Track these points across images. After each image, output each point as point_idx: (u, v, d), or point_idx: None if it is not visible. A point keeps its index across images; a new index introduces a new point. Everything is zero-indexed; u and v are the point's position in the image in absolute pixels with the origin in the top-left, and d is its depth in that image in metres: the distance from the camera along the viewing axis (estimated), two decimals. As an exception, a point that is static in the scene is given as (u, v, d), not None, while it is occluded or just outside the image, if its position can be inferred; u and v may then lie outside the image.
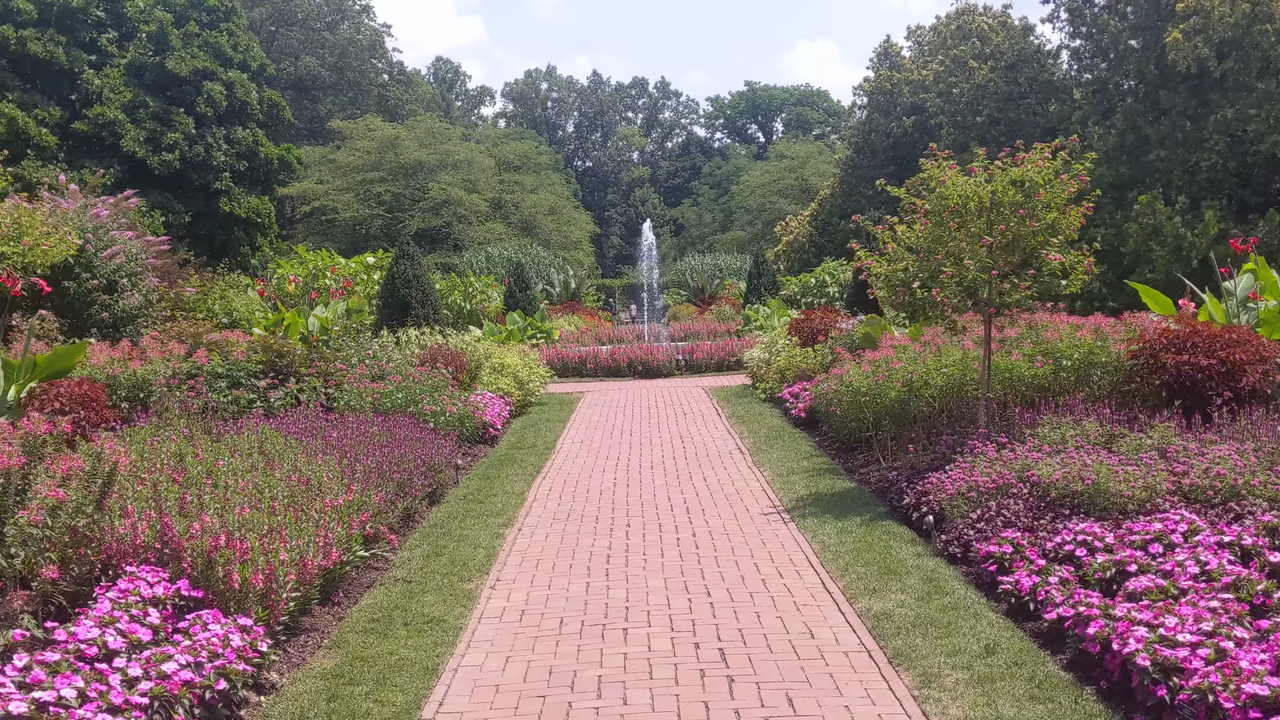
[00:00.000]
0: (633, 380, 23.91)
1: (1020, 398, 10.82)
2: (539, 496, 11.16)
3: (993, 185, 9.79)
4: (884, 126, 40.95)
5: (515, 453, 13.98)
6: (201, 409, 11.13)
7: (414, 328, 18.43)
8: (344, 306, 18.99)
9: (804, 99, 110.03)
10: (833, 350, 16.81)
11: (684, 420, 16.84)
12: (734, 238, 71.42)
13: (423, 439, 11.21)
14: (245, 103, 39.29)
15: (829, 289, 35.19)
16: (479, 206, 61.82)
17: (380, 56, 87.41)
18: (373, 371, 13.79)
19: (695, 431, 15.57)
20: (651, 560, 8.43)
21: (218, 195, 38.14)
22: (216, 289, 18.21)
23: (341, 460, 9.14)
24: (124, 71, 36.61)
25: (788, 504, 10.33)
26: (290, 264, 22.00)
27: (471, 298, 35.06)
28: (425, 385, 13.41)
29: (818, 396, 14.47)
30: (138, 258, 15.90)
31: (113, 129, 35.41)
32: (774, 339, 19.90)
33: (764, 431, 15.06)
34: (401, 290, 18.71)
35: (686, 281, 53.52)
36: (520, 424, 16.86)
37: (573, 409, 18.70)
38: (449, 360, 16.69)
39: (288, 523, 6.72)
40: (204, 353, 12.29)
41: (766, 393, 18.22)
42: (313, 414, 11.52)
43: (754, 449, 13.71)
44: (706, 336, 32.04)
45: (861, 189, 40.45)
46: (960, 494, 8.50)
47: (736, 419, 16.51)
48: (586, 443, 14.88)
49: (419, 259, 19.16)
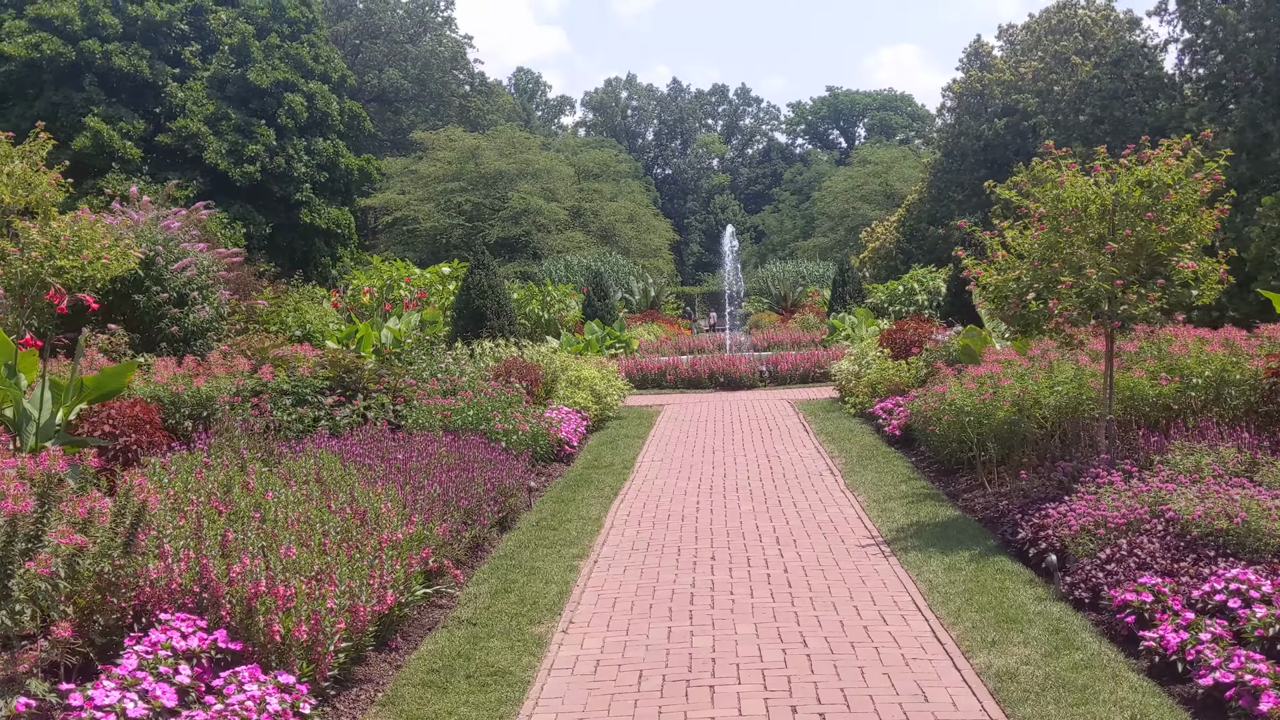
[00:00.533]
0: (714, 392, 23.13)
1: (1143, 419, 9.83)
2: (616, 522, 10.45)
3: (1116, 186, 8.84)
4: (974, 129, 39.60)
5: (592, 473, 13.31)
6: (264, 429, 10.63)
7: (489, 339, 17.88)
8: (418, 318, 18.53)
9: (887, 103, 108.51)
10: (929, 364, 15.89)
11: (769, 437, 16.03)
12: (816, 244, 70.43)
13: (493, 460, 10.58)
14: (326, 114, 39.35)
15: (917, 297, 34.04)
16: (558, 215, 61.74)
17: (461, 68, 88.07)
18: (444, 387, 13.22)
19: (782, 449, 14.75)
20: (740, 601, 7.66)
21: (298, 206, 38.22)
22: (290, 301, 17.86)
23: (405, 486, 8.52)
24: (206, 84, 36.88)
25: (887, 534, 9.49)
26: (365, 275, 21.66)
27: (549, 307, 34.59)
28: (497, 402, 12.81)
29: (914, 414, 13.57)
30: (209, 270, 15.56)
31: (195, 141, 35.65)
32: (863, 350, 18.98)
33: (855, 450, 14.19)
34: (476, 301, 18.19)
35: (768, 289, 52.61)
36: (597, 440, 16.20)
37: (652, 424, 18.00)
38: (523, 374, 16.10)
39: (339, 563, 6.09)
40: (269, 368, 11.82)
41: (856, 407, 17.33)
42: (379, 433, 10.96)
43: (846, 470, 12.86)
44: (790, 346, 31.16)
45: (951, 194, 39.20)
46: (1086, 530, 7.60)
47: (825, 436, 15.65)
48: (666, 461, 14.15)
49: (494, 268, 18.62)
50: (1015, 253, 9.34)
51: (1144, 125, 28.27)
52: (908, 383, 16.35)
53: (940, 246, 38.69)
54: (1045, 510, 8.45)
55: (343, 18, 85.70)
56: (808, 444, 15.12)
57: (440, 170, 61.54)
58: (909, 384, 16.32)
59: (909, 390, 16.17)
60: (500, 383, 14.86)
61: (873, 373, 17.26)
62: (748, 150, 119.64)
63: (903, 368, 16.74)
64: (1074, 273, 8.69)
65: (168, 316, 14.78)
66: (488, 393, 13.18)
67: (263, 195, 37.40)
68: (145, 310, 14.68)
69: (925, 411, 12.37)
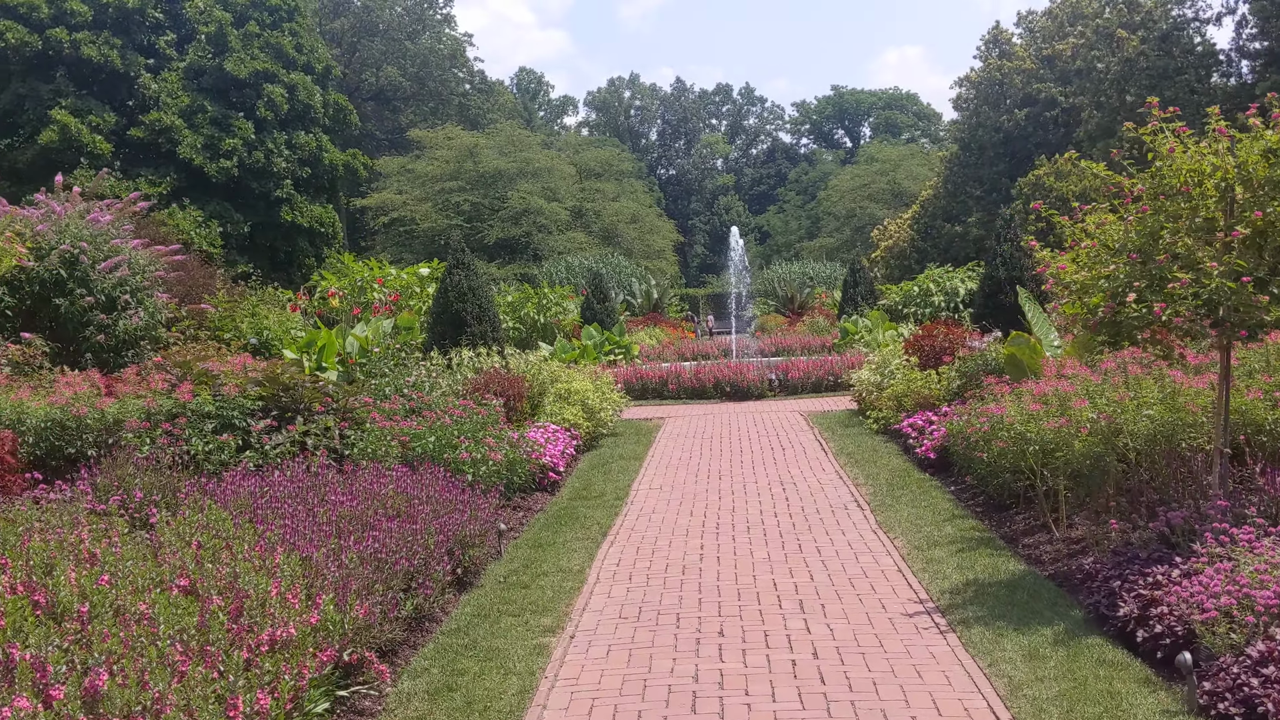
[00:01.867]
0: (720, 403, 21.21)
1: (1262, 451, 7.88)
2: (602, 576, 8.54)
3: (1241, 156, 6.88)
4: (993, 120, 37.60)
5: (579, 505, 11.39)
6: (174, 462, 8.75)
7: (469, 347, 16.00)
8: (390, 324, 16.63)
9: (892, 102, 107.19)
10: (964, 375, 13.97)
11: (783, 457, 14.10)
12: (822, 244, 69.02)
13: (453, 501, 8.66)
14: (308, 106, 37.33)
15: (934, 298, 32.12)
16: (559, 215, 60.31)
17: (461, 66, 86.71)
18: (404, 406, 11.32)
19: (799, 474, 12.83)
20: (758, 705, 5.74)
21: (279, 204, 36.19)
22: (247, 305, 15.98)
23: (325, 547, 6.62)
24: (182, 75, 34.92)
25: (938, 596, 7.56)
26: (333, 275, 19.79)
27: (546, 310, 32.76)
28: (467, 424, 10.90)
29: (953, 434, 11.65)
30: (145, 270, 13.66)
31: (169, 135, 33.68)
32: (885, 358, 17.06)
33: (884, 476, 12.26)
34: (455, 304, 16.29)
35: (775, 290, 50.81)
36: (589, 462, 14.28)
37: (651, 441, 16.08)
38: (505, 388, 14.20)
39: (180, 690, 4.17)
40: (189, 386, 9.91)
41: (879, 423, 15.40)
42: (316, 467, 9.06)
43: (876, 502, 10.94)
44: (800, 351, 29.26)
45: (968, 189, 37.27)
46: (1225, 612, 5.67)
47: (847, 457, 13.72)
48: (666, 489, 12.23)
49: (476, 268, 16.72)
50: (1105, 243, 7.38)
51: (1197, 105, 26.23)
52: (938, 396, 14.43)
53: (957, 245, 36.78)
54: (1151, 575, 6.52)
55: (340, 15, 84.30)
56: (827, 467, 13.20)
57: (438, 169, 60.18)
58: (940, 398, 14.40)
59: (940, 405, 14.26)
60: (476, 399, 12.97)
61: (898, 384, 15.33)
62: (752, 150, 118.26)
63: (932, 379, 14.81)
64: (1188, 268, 6.73)
65: (94, 323, 12.88)
66: (457, 413, 11.26)
67: (241, 192, 35.40)
68: (68, 316, 12.79)
69: (969, 433, 10.46)
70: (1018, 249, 16.43)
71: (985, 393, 11.57)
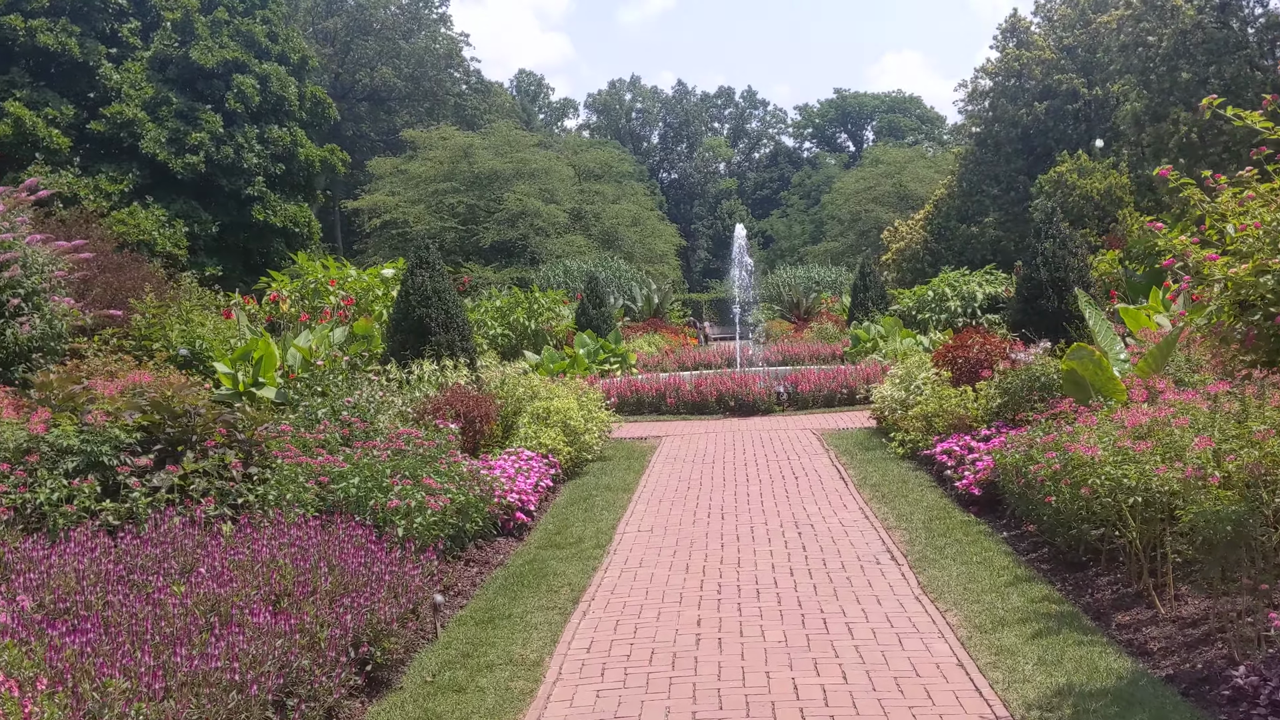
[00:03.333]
0: (723, 419, 19.12)
1: None
2: (565, 672, 6.45)
3: None
4: (1011, 114, 35.42)
5: (548, 556, 9.31)
6: (11, 518, 6.68)
7: (433, 359, 13.92)
8: (343, 332, 14.55)
9: (896, 105, 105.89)
10: (1007, 392, 11.90)
11: (796, 488, 12.02)
12: (826, 249, 67.30)
13: (367, 572, 6.58)
14: (282, 98, 35.10)
15: (950, 303, 30.04)
16: (557, 218, 58.69)
17: (457, 66, 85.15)
18: (336, 434, 9.24)
19: (816, 512, 10.74)
20: None
21: (250, 202, 33.96)
22: (179, 309, 13.92)
23: (145, 668, 4.54)
24: (147, 65, 32.77)
25: (1023, 715, 5.48)
26: (283, 276, 17.72)
27: (537, 315, 30.79)
28: (408, 459, 8.83)
29: (1003, 469, 9.58)
30: (44, 269, 11.59)
31: (132, 129, 31.52)
32: (909, 371, 14.96)
33: (920, 517, 10.17)
34: (418, 310, 14.20)
35: (780, 295, 48.82)
36: (568, 495, 12.20)
37: (644, 466, 14.00)
38: (471, 408, 12.13)
39: None
40: (44, 414, 7.83)
41: (906, 447, 13.30)
42: (197, 521, 6.98)
43: (915, 554, 8.85)
44: (808, 360, 27.23)
45: (984, 188, 35.14)
46: None
47: (872, 489, 11.64)
48: (657, 532, 10.15)
49: (442, 268, 14.63)
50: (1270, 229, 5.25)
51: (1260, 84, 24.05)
52: (976, 417, 12.33)
53: (973, 246, 34.64)
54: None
55: (333, 14, 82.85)
56: (850, 503, 11.11)
57: (432, 170, 58.74)
58: (977, 419, 12.31)
59: (977, 427, 12.19)
60: (430, 423, 10.91)
61: (928, 402, 13.23)
62: (755, 154, 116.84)
63: (968, 396, 12.70)
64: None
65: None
66: (399, 443, 9.18)
67: (209, 190, 33.21)
68: (-55, 325, 10.75)
69: (1031, 471, 8.40)
70: (1061, 246, 14.33)
71: (1045, 416, 9.52)
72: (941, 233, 36.79)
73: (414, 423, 11.60)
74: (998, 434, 11.83)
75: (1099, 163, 30.18)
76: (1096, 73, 34.24)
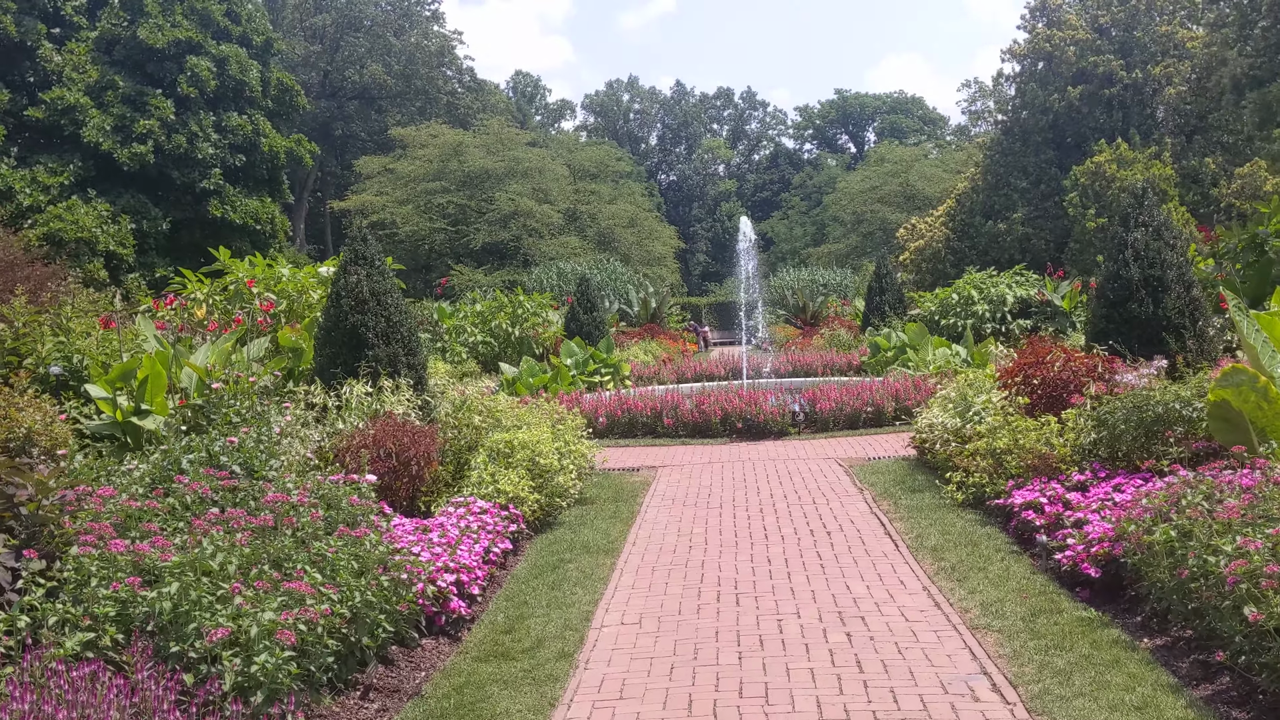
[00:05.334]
0: (729, 443, 16.24)
1: None
2: None
3: None
4: (1042, 100, 32.42)
5: (488, 678, 6.42)
6: None
7: (369, 379, 11.05)
8: (260, 345, 11.70)
9: (897, 106, 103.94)
10: (1105, 425, 9.06)
11: (832, 552, 9.13)
12: (830, 250, 64.95)
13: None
14: (242, 83, 32.03)
15: (976, 307, 27.19)
16: (551, 218, 56.47)
17: (450, 64, 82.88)
18: (178, 499, 6.38)
19: (865, 594, 7.84)
20: None
21: (206, 196, 30.93)
22: (57, 317, 11.08)
23: None
24: (92, 46, 29.83)
25: None
26: (195, 277, 14.87)
27: (521, 322, 28.00)
28: (283, 540, 5.96)
29: (1137, 543, 6.71)
30: None
31: (73, 116, 28.56)
32: (963, 391, 12.08)
33: (1015, 608, 7.27)
34: (351, 317, 11.30)
35: (785, 299, 46.14)
36: (533, 561, 9.31)
37: (633, 514, 11.13)
38: (406, 446, 9.28)
39: None
40: None
41: (969, 492, 10.40)
42: None
43: (1025, 681, 5.96)
44: (821, 370, 24.40)
45: (1011, 180, 32.23)
46: None
47: (934, 557, 8.75)
48: (647, 631, 7.27)
49: (383, 265, 11.75)
50: None
51: None
52: (1065, 458, 9.46)
53: (999, 244, 31.72)
54: None
55: (321, 10, 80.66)
56: (909, 578, 8.21)
57: (420, 169, 56.69)
58: (1067, 459, 9.45)
59: (1066, 470, 9.34)
60: (343, 469, 8.07)
61: (997, 435, 10.32)
62: (754, 156, 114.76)
63: (1051, 429, 9.81)
64: None
65: None
66: (263, 518, 6.30)
67: (160, 183, 30.19)
68: None
69: (1197, 555, 5.56)
70: (1157, 236, 11.44)
71: (1195, 470, 6.71)
72: (965, 230, 33.80)
73: (334, 466, 8.78)
74: (1096, 480, 9.01)
75: (1140, 152, 27.35)
76: (1136, 53, 31.37)
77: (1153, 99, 30.53)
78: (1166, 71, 30.02)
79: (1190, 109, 29.23)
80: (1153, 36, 31.30)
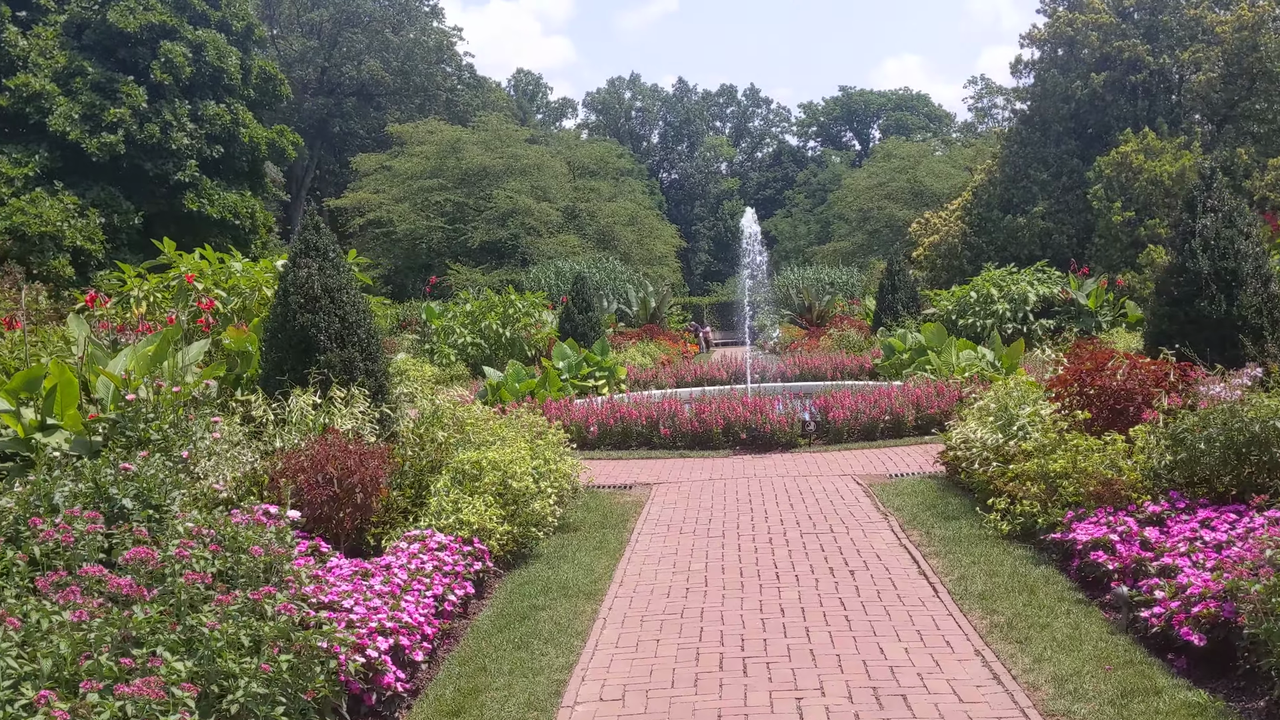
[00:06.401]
0: (732, 456, 14.71)
1: None
2: None
3: None
4: (1063, 88, 30.78)
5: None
6: None
7: (318, 388, 9.53)
8: (200, 348, 10.19)
9: (903, 103, 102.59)
10: (1183, 444, 7.55)
11: (858, 600, 7.59)
12: (835, 249, 63.59)
13: None
14: (220, 70, 30.37)
15: (996, 306, 25.73)
16: (550, 216, 55.36)
17: (449, 61, 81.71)
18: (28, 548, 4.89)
19: (904, 660, 6.31)
20: None
21: (181, 189, 29.29)
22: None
23: None
24: (60, 31, 28.29)
25: None
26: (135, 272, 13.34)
27: (513, 322, 26.56)
28: (143, 611, 4.44)
29: (1274, 615, 5.18)
30: None
31: (39, 103, 27.00)
32: (1003, 402, 10.54)
33: (1097, 685, 5.73)
34: (300, 317, 9.79)
35: (790, 299, 44.57)
36: (498, 609, 7.77)
37: (622, 545, 9.60)
38: (348, 470, 7.77)
39: None
40: None
41: (1017, 523, 8.84)
42: None
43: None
44: (831, 374, 22.86)
45: (1032, 172, 30.63)
46: None
47: (983, 607, 7.21)
48: (632, 714, 5.75)
49: (339, 258, 10.24)
50: None
51: None
52: (1137, 484, 7.92)
53: (1019, 239, 30.13)
54: None
55: (318, 5, 79.39)
56: (956, 638, 6.68)
57: (417, 166, 55.65)
58: (1138, 486, 7.92)
59: (1137, 499, 7.81)
60: (263, 501, 6.55)
61: (1051, 455, 8.77)
62: (757, 154, 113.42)
63: (1117, 449, 8.27)
64: None
65: None
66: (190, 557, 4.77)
67: (132, 175, 28.58)
68: None
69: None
70: (1229, 223, 9.88)
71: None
72: (982, 224, 32.19)
73: (269, 494, 7.30)
74: (1174, 512, 7.51)
75: (1168, 142, 25.81)
76: (1163, 38, 29.79)
77: (1180, 86, 28.99)
78: (1195, 57, 28.45)
79: (1219, 97, 27.77)
80: (1180, 20, 29.75)
